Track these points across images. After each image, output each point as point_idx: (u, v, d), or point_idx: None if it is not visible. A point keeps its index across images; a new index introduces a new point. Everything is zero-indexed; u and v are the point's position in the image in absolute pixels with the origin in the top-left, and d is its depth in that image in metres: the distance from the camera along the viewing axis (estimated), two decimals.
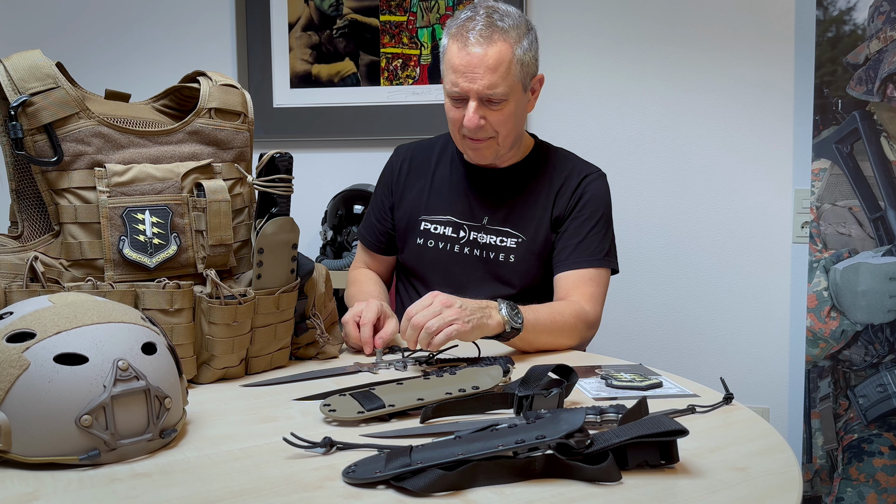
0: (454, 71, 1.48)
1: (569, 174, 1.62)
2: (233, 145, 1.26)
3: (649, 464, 0.86)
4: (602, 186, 1.63)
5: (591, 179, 1.62)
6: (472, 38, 1.46)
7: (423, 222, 1.64)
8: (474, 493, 0.81)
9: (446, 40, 1.52)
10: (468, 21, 1.49)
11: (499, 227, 1.60)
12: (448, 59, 1.50)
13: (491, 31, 1.47)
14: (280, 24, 2.55)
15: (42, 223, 1.15)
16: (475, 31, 1.47)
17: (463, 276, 1.60)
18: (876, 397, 2.09)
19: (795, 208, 2.31)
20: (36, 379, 0.84)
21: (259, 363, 1.26)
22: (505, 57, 1.47)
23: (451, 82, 1.50)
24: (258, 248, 1.20)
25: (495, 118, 1.51)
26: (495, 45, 1.46)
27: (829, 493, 2.14)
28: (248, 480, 0.84)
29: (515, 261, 1.58)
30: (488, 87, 1.47)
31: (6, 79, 1.10)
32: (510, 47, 1.47)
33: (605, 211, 1.61)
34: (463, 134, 1.54)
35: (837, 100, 2.10)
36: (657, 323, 2.43)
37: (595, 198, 1.60)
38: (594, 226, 1.58)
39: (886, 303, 2.07)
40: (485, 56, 1.46)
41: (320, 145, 2.59)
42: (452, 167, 1.66)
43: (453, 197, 1.64)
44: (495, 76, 1.46)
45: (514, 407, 1.04)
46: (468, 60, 1.46)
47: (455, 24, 1.51)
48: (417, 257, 1.65)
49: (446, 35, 1.53)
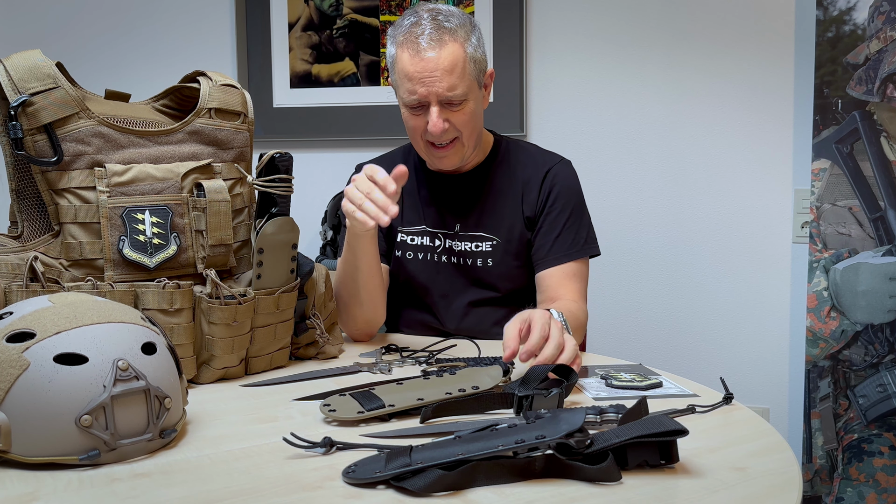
0: (409, 79, 1.45)
1: (532, 168, 1.60)
2: (233, 145, 1.26)
3: (649, 464, 0.86)
4: (568, 175, 1.61)
5: (557, 171, 1.60)
6: (423, 44, 1.43)
7: (400, 234, 1.63)
8: (474, 493, 0.81)
9: (393, 49, 1.48)
10: (414, 27, 1.46)
11: (472, 233, 1.58)
12: (401, 69, 1.46)
13: (440, 33, 1.44)
14: (280, 24, 2.55)
15: (42, 223, 1.15)
16: (424, 35, 1.44)
17: (446, 284, 1.59)
18: (876, 397, 2.09)
19: (795, 208, 2.31)
20: (36, 379, 0.84)
21: (259, 363, 1.26)
22: (459, 57, 1.45)
23: (408, 91, 1.46)
24: (258, 248, 1.20)
25: (458, 119, 1.48)
26: (447, 46, 1.44)
27: (829, 493, 2.14)
28: (248, 480, 0.84)
29: (493, 263, 1.57)
30: (448, 89, 1.44)
31: (6, 79, 1.10)
32: (461, 46, 1.45)
33: (577, 199, 1.60)
34: (427, 141, 1.52)
35: (837, 100, 2.10)
36: (657, 323, 2.43)
37: (564, 188, 1.58)
38: (568, 217, 1.57)
39: (886, 303, 2.07)
40: (439, 59, 1.43)
41: (320, 145, 2.59)
42: (418, 178, 1.64)
43: (423, 207, 1.62)
44: (453, 77, 1.44)
45: (513, 407, 1.04)
46: (423, 66, 1.43)
47: (401, 32, 1.47)
48: (399, 269, 1.63)
49: (392, 44, 1.49)
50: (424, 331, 1.60)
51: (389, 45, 1.51)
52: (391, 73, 1.52)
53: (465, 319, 1.58)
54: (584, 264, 1.57)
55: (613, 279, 2.42)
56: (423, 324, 1.61)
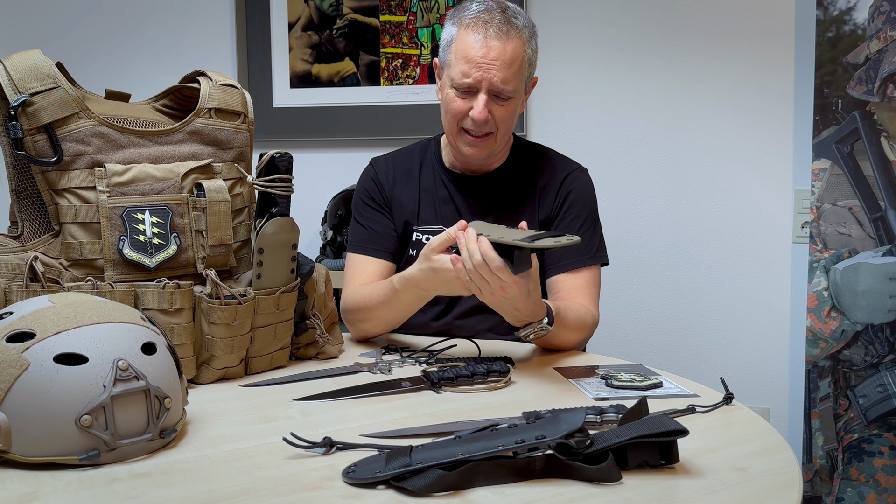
0: (468, 61, 1.45)
1: (550, 174, 1.60)
2: (233, 145, 1.26)
3: (649, 464, 0.86)
4: (585, 183, 1.61)
5: (574, 177, 1.60)
6: (491, 31, 1.44)
7: (416, 233, 1.62)
8: (474, 493, 0.81)
9: (455, 30, 1.48)
10: (484, 13, 1.46)
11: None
12: (460, 49, 1.46)
13: (508, 26, 1.45)
14: (280, 24, 2.55)
15: (42, 223, 1.15)
16: (493, 24, 1.44)
17: None
18: (876, 397, 2.09)
19: (795, 208, 2.31)
20: (36, 379, 0.84)
21: (259, 363, 1.26)
22: (519, 54, 1.46)
23: (462, 72, 1.46)
24: (258, 248, 1.20)
25: (500, 114, 1.49)
26: (512, 41, 1.45)
27: (829, 493, 2.14)
28: (248, 480, 0.84)
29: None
30: (502, 82, 1.45)
31: (6, 79, 1.10)
32: (523, 45, 1.46)
33: (591, 207, 1.60)
34: (462, 127, 1.51)
35: (837, 100, 2.10)
36: (657, 323, 2.43)
37: (580, 196, 1.59)
38: (582, 224, 1.57)
39: (886, 303, 2.07)
40: (503, 50, 1.44)
41: (320, 145, 2.59)
42: (435, 175, 1.64)
43: (440, 205, 1.61)
44: (510, 71, 1.45)
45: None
46: (486, 52, 1.43)
47: (468, 15, 1.47)
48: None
49: (455, 25, 1.49)
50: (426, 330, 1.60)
51: (450, 25, 1.50)
52: (444, 51, 1.52)
53: (471, 320, 1.57)
54: (596, 272, 1.57)
55: (613, 279, 2.42)
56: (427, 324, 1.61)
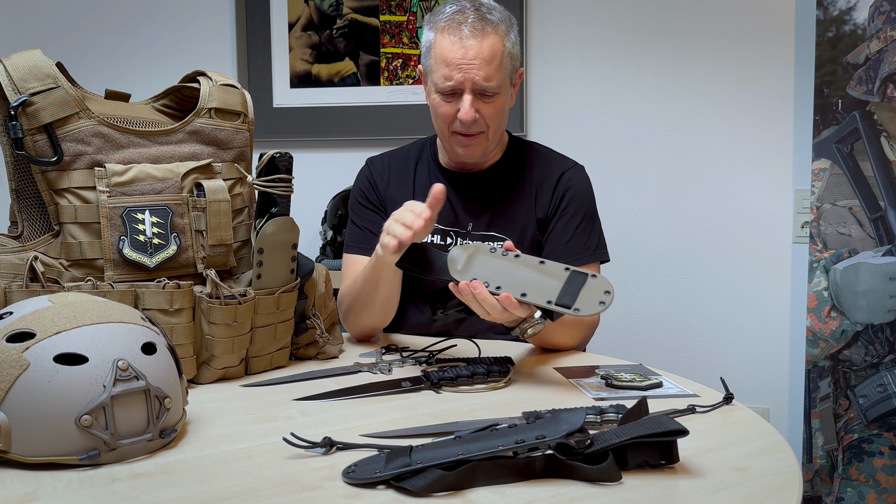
0: (447, 64, 1.46)
1: (546, 171, 1.60)
2: (233, 145, 1.26)
3: (649, 464, 0.86)
4: (581, 180, 1.61)
5: (570, 175, 1.60)
6: (465, 31, 1.44)
7: None
8: (474, 493, 0.81)
9: (432, 35, 1.49)
10: (457, 14, 1.47)
11: (484, 233, 1.58)
12: (439, 53, 1.47)
13: (483, 24, 1.45)
14: (280, 24, 2.55)
15: (42, 223, 1.15)
16: (468, 24, 1.45)
17: None
18: (876, 397, 2.09)
19: (795, 208, 2.31)
20: (36, 379, 0.84)
21: (259, 363, 1.26)
22: (498, 50, 1.46)
23: (444, 76, 1.47)
24: (258, 248, 1.20)
25: (488, 111, 1.49)
26: (489, 37, 1.45)
27: (829, 493, 2.14)
28: (248, 480, 0.84)
29: None
30: (485, 79, 1.45)
31: (6, 79, 1.10)
32: (501, 40, 1.47)
33: (589, 204, 1.60)
34: (453, 130, 1.52)
35: (837, 100, 2.10)
36: (657, 323, 2.43)
37: (577, 193, 1.59)
38: (580, 222, 1.57)
39: (886, 303, 2.07)
40: (480, 48, 1.44)
41: (320, 145, 2.59)
42: (431, 174, 1.64)
43: None
44: (491, 68, 1.45)
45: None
46: (463, 53, 1.44)
47: (443, 18, 1.48)
48: None
49: (432, 29, 1.50)
50: (426, 330, 1.60)
51: (427, 31, 1.51)
52: (425, 58, 1.53)
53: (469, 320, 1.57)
54: (596, 269, 1.57)
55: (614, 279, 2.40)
56: (425, 324, 1.61)
